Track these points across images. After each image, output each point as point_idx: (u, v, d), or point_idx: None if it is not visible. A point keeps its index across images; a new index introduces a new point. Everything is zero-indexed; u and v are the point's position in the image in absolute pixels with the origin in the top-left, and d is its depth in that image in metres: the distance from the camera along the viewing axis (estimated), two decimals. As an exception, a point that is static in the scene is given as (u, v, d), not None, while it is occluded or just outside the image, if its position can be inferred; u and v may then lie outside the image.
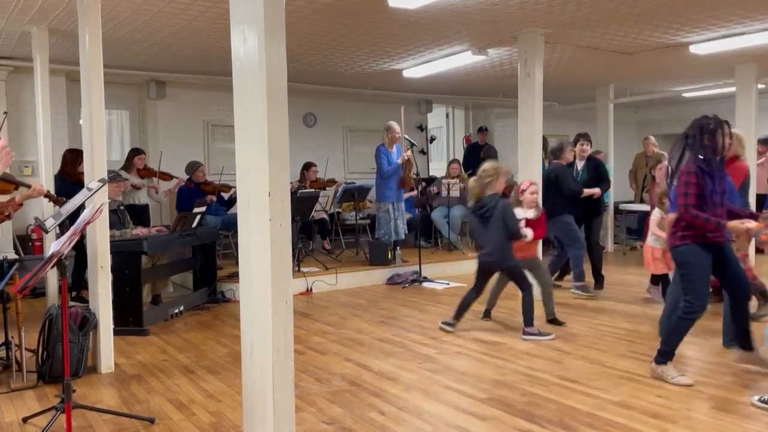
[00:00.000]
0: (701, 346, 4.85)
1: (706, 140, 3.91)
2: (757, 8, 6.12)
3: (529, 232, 5.39)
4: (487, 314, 5.91)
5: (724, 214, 3.93)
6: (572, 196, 6.88)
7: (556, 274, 7.32)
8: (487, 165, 5.39)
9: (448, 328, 5.46)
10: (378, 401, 3.84)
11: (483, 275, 5.46)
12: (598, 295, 6.85)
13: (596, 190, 7.09)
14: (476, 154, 11.28)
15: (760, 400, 3.56)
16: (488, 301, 5.90)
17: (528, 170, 6.79)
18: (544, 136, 7.26)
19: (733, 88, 9.25)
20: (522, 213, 5.57)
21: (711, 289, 4.22)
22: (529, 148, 6.78)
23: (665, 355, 4.07)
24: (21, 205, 3.87)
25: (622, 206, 10.65)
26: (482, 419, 3.52)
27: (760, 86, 9.21)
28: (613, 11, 6.11)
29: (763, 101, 9.87)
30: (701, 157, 3.91)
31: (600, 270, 7.26)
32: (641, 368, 4.30)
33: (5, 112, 6.31)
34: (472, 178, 5.50)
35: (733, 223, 3.82)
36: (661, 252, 5.73)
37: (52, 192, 5.37)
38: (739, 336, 4.20)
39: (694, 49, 7.58)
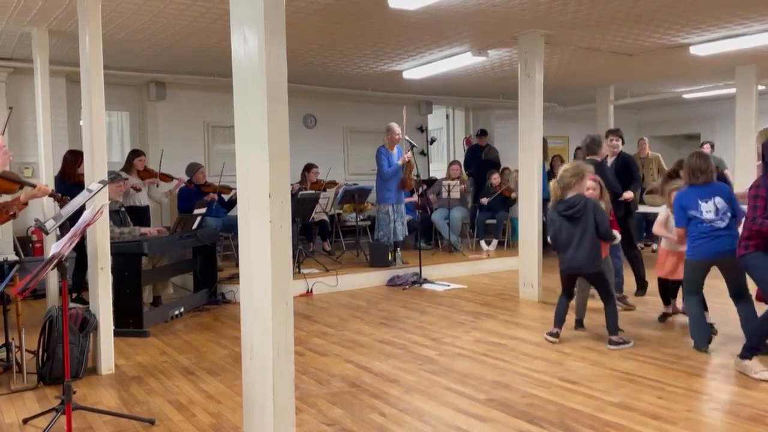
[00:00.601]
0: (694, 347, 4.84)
1: None
2: (757, 9, 6.12)
3: (617, 233, 5.18)
4: (579, 324, 5.48)
5: None
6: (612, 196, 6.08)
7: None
8: (567, 165, 5.09)
9: (553, 339, 5.08)
10: (378, 403, 3.84)
11: (569, 281, 5.14)
12: (635, 307, 6.21)
13: (629, 194, 6.52)
14: (477, 156, 11.31)
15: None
16: (577, 311, 5.51)
17: (528, 171, 6.79)
18: (544, 138, 7.16)
19: (734, 90, 9.26)
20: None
21: None
22: (530, 149, 6.78)
23: (751, 351, 4.15)
24: (26, 204, 3.87)
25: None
26: (483, 421, 3.52)
27: (761, 87, 9.22)
28: (613, 12, 6.11)
29: (764, 102, 9.88)
30: None
31: (643, 275, 6.73)
32: (642, 369, 4.29)
33: (10, 108, 6.31)
34: (553, 181, 5.13)
35: None
36: (677, 256, 5.32)
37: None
38: None
39: (694, 50, 7.59)
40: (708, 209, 4.60)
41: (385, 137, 8.24)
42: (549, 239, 5.28)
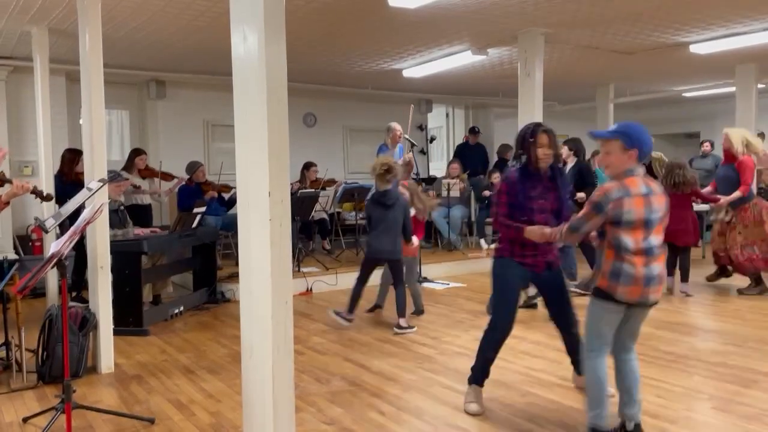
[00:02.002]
0: (699, 347, 4.84)
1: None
2: (757, 8, 6.12)
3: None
4: (376, 308, 6.26)
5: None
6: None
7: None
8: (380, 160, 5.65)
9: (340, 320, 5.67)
10: (378, 401, 3.84)
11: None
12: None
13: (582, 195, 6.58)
14: (465, 153, 11.16)
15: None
16: (378, 296, 6.23)
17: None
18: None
19: (733, 88, 9.26)
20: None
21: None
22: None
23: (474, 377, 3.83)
24: (7, 204, 3.85)
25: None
26: (482, 419, 3.52)
27: (760, 86, 9.21)
28: (613, 11, 6.11)
29: (764, 101, 9.87)
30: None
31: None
32: (640, 368, 4.28)
33: None
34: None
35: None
36: None
37: (51, 191, 5.36)
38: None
39: (694, 48, 7.58)
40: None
41: (387, 136, 8.23)
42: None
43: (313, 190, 8.71)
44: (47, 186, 6.23)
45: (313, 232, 9.24)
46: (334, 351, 4.97)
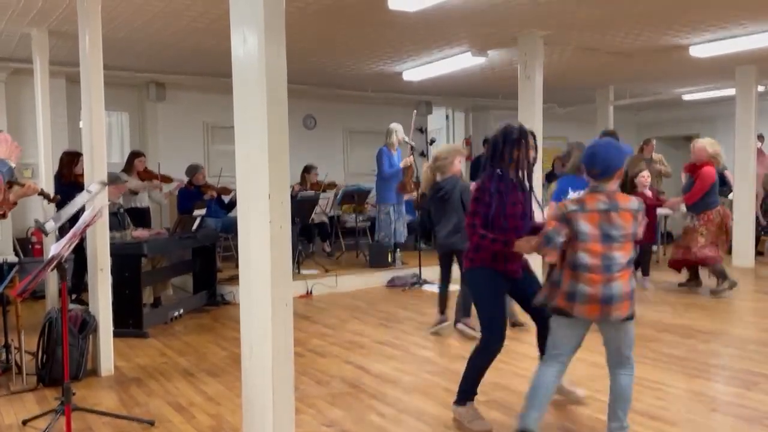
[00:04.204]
0: (700, 349, 4.84)
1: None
2: (757, 10, 6.12)
3: None
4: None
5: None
6: None
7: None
8: (441, 147, 5.47)
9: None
10: (378, 403, 3.83)
11: (443, 260, 5.53)
12: None
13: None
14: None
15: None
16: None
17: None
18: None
19: (733, 91, 9.25)
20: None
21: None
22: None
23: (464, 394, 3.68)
24: (15, 204, 3.85)
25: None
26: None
27: (760, 88, 9.21)
28: (612, 13, 6.11)
29: (764, 103, 9.87)
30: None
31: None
32: (641, 370, 4.27)
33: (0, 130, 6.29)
34: (426, 165, 5.51)
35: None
36: None
37: (52, 193, 5.33)
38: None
39: (693, 50, 7.58)
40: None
41: (388, 138, 8.23)
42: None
43: (312, 192, 8.71)
44: (47, 188, 6.22)
45: (313, 235, 9.24)
46: (334, 353, 4.96)
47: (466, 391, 3.55)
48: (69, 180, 6.73)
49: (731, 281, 6.71)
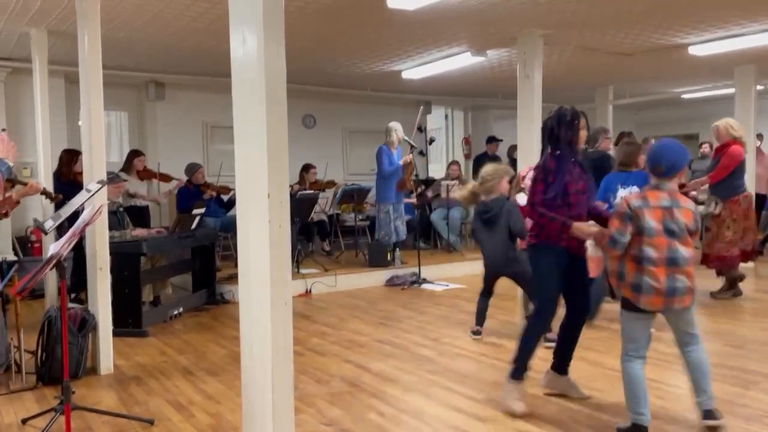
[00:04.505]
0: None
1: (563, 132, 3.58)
2: (756, 9, 6.13)
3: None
4: None
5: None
6: None
7: None
8: (487, 167, 5.17)
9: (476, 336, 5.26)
10: (377, 402, 3.84)
11: (488, 278, 5.27)
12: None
13: None
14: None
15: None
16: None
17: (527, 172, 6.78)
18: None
19: (732, 90, 9.26)
20: (523, 200, 5.12)
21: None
22: (529, 150, 6.76)
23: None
24: (18, 202, 3.86)
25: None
26: (482, 420, 3.52)
27: (759, 87, 9.21)
28: (612, 12, 6.11)
29: (763, 102, 9.88)
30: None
31: None
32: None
33: (3, 129, 6.31)
34: (474, 183, 5.25)
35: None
36: None
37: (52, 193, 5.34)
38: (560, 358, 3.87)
39: (693, 50, 7.59)
40: (622, 195, 4.71)
41: (388, 137, 8.24)
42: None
43: (312, 191, 8.71)
44: (47, 187, 6.22)
45: (312, 234, 9.24)
46: (334, 352, 4.97)
47: (520, 367, 3.66)
48: (68, 178, 6.74)
49: (737, 291, 6.48)
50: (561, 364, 3.84)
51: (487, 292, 5.32)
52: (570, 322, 3.73)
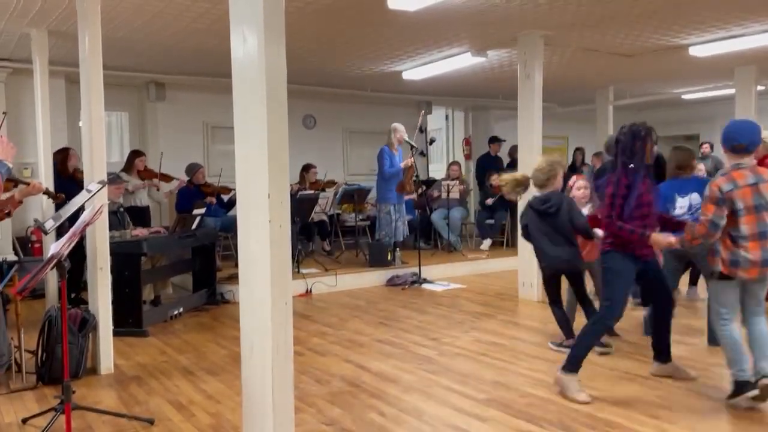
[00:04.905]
0: (701, 348, 4.85)
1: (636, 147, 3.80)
2: (756, 10, 6.13)
3: (598, 231, 4.50)
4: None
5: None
6: None
7: None
8: (541, 163, 4.81)
9: (563, 350, 4.67)
10: (378, 402, 3.84)
11: (551, 281, 4.89)
12: None
13: None
14: (487, 165, 10.71)
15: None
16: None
17: (527, 172, 6.78)
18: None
19: (733, 90, 9.27)
20: (584, 211, 4.98)
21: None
22: (529, 150, 6.78)
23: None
24: (20, 202, 3.87)
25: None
26: (482, 420, 3.52)
27: (760, 88, 9.22)
28: (612, 13, 6.11)
29: (763, 103, 9.88)
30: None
31: None
32: (641, 369, 4.29)
33: (4, 112, 6.31)
34: (521, 173, 4.95)
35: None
36: None
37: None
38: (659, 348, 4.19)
39: (693, 50, 7.59)
40: (682, 205, 4.70)
41: (390, 137, 8.24)
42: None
43: (312, 191, 8.72)
44: (48, 187, 6.24)
45: (312, 234, 9.24)
46: (334, 352, 4.97)
47: (576, 362, 3.86)
48: (66, 176, 6.78)
49: None
50: (663, 353, 4.14)
51: (556, 298, 4.88)
52: (660, 316, 4.05)
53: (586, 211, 4.98)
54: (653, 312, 4.13)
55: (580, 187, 5.17)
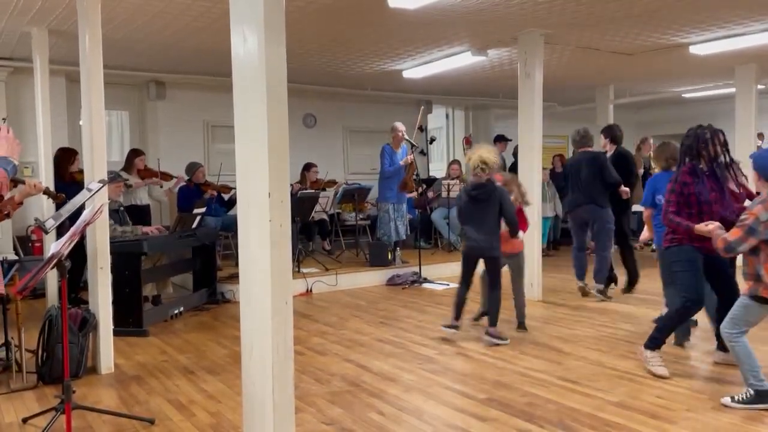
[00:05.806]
0: (701, 347, 4.84)
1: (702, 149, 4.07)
2: (757, 9, 6.12)
3: (521, 233, 5.28)
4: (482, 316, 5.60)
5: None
6: (611, 187, 6.52)
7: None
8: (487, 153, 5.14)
9: (453, 331, 5.21)
10: (378, 402, 3.84)
11: (468, 262, 5.31)
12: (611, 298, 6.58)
13: (626, 190, 6.65)
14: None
15: (733, 400, 3.61)
16: (483, 302, 5.64)
17: (528, 171, 6.78)
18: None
19: (733, 89, 9.26)
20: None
21: None
22: (529, 149, 6.78)
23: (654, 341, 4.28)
24: (20, 203, 3.86)
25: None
26: (482, 420, 3.52)
27: (760, 87, 9.21)
28: (612, 12, 6.11)
29: (763, 102, 9.88)
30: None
31: (634, 273, 6.70)
32: (641, 369, 4.29)
33: (4, 118, 6.30)
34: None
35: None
36: None
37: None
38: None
39: (693, 49, 7.59)
40: None
41: (391, 136, 8.24)
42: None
43: (312, 190, 8.71)
44: (48, 187, 6.23)
45: (313, 233, 9.24)
46: (334, 351, 4.97)
47: (658, 340, 4.22)
48: (66, 179, 6.74)
49: None
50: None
51: (466, 280, 5.29)
52: (724, 305, 4.03)
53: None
54: (718, 303, 4.25)
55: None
